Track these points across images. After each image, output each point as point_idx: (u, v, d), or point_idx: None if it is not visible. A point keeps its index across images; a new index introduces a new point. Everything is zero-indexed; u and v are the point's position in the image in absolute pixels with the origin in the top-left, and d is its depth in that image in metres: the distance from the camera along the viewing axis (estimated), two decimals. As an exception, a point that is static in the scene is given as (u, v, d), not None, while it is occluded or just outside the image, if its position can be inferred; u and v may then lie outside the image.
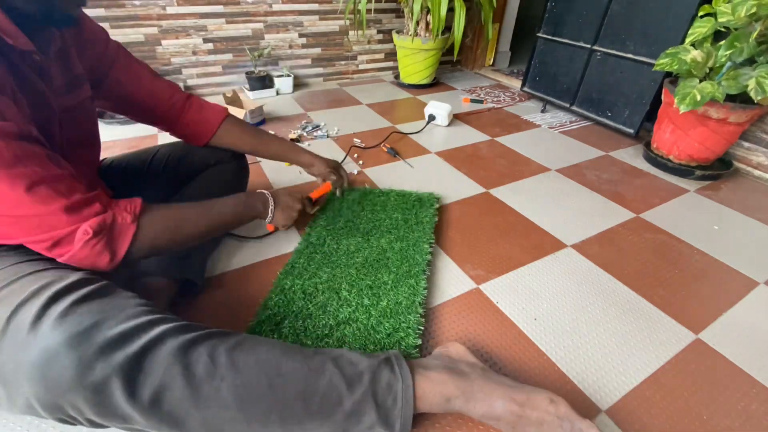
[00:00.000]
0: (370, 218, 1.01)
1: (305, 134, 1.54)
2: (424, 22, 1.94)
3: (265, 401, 0.46)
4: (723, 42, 1.11)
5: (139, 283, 0.71)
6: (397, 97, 2.01)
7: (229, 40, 1.87)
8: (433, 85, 2.19)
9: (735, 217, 1.14)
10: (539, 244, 0.99)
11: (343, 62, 2.20)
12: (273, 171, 1.27)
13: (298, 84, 2.11)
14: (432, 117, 1.64)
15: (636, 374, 0.68)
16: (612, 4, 1.52)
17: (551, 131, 1.66)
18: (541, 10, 1.80)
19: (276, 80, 1.95)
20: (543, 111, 1.87)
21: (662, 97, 1.36)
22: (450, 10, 1.77)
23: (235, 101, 1.65)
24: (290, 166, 1.28)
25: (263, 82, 1.88)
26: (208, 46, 1.84)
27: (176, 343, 0.44)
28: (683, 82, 1.15)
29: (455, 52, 1.85)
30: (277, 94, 1.96)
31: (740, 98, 1.16)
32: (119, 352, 0.41)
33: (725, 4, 1.10)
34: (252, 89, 1.88)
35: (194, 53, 1.83)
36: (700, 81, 1.14)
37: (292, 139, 1.47)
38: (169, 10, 1.70)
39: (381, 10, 2.15)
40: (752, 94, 1.05)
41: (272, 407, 0.46)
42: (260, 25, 1.89)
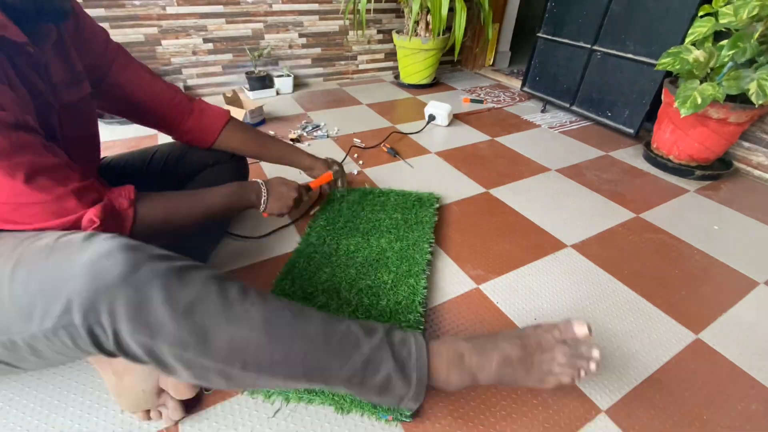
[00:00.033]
0: (369, 218, 1.01)
1: (305, 134, 1.53)
2: (423, 22, 1.94)
3: (290, 330, 0.48)
4: (725, 42, 1.10)
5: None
6: (397, 97, 2.01)
7: (229, 40, 1.87)
8: (433, 85, 2.19)
9: (735, 217, 1.13)
10: (539, 244, 0.99)
11: (343, 62, 2.21)
12: (273, 171, 1.27)
13: (298, 84, 2.11)
14: (432, 117, 1.64)
15: (636, 374, 0.68)
16: (612, 4, 1.52)
17: (551, 131, 1.66)
18: (541, 10, 1.80)
19: (276, 80, 1.95)
20: (543, 111, 1.87)
21: (662, 97, 1.35)
22: (450, 10, 1.77)
23: (235, 101, 1.65)
24: (290, 167, 1.27)
25: (263, 82, 1.88)
26: (208, 46, 1.84)
27: (212, 272, 0.47)
28: (684, 84, 1.15)
29: (456, 52, 1.85)
30: (277, 94, 1.96)
31: (740, 98, 1.16)
32: (165, 263, 0.44)
33: (726, 4, 1.10)
34: (252, 89, 1.88)
35: (194, 53, 1.83)
36: (701, 82, 1.14)
37: (291, 139, 1.47)
38: (169, 10, 1.70)
39: (381, 10, 2.15)
40: (753, 98, 1.05)
41: (295, 336, 0.48)
42: (260, 25, 1.89)
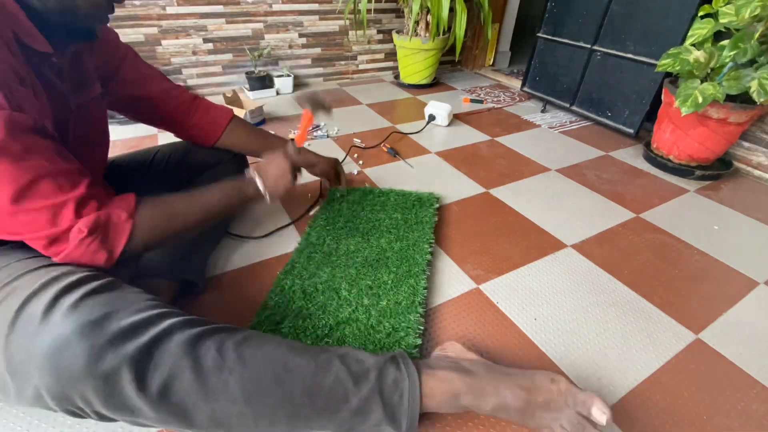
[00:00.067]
0: (369, 218, 1.01)
1: (305, 134, 1.53)
2: (423, 22, 1.94)
3: (272, 396, 0.45)
4: (725, 42, 1.10)
5: (139, 283, 0.71)
6: (397, 97, 2.01)
7: (229, 40, 1.87)
8: (433, 85, 2.19)
9: (735, 217, 1.13)
10: (539, 244, 0.99)
11: (343, 62, 2.20)
12: (273, 171, 1.27)
13: (298, 84, 2.11)
14: (432, 117, 1.64)
15: (636, 374, 0.68)
16: (612, 4, 1.52)
17: (551, 131, 1.66)
18: (541, 10, 1.80)
19: (276, 80, 1.95)
20: (543, 111, 1.87)
21: (662, 97, 1.35)
22: (450, 10, 1.77)
23: (235, 101, 1.65)
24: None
25: (263, 82, 1.88)
26: (208, 46, 1.84)
27: (185, 336, 0.44)
28: (684, 84, 1.15)
29: (457, 52, 1.85)
30: (277, 94, 1.96)
31: (740, 98, 1.16)
32: (130, 343, 0.41)
33: (726, 4, 1.10)
34: (252, 89, 1.88)
35: (194, 53, 1.83)
36: (701, 82, 1.14)
37: (292, 139, 1.46)
38: (169, 10, 1.70)
39: (381, 10, 2.15)
40: (755, 95, 1.05)
41: (279, 402, 0.46)
42: (260, 25, 1.89)
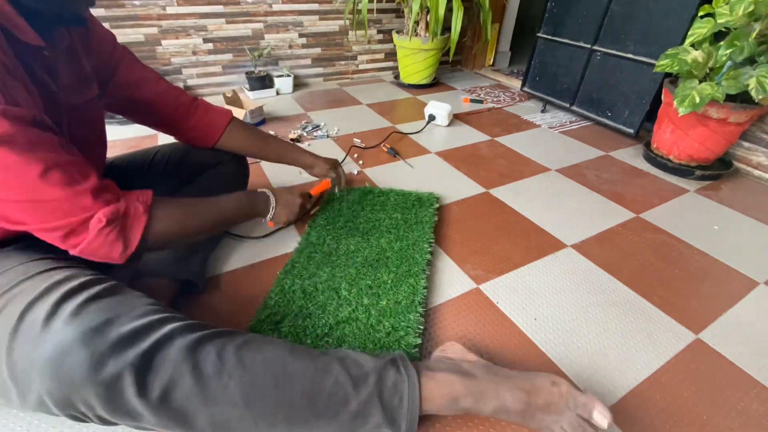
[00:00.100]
0: (369, 218, 1.01)
1: (305, 134, 1.53)
2: (423, 22, 1.94)
3: (272, 400, 0.46)
4: (723, 42, 1.11)
5: (139, 283, 0.71)
6: (397, 97, 2.01)
7: (229, 40, 1.87)
8: (433, 85, 2.19)
9: (735, 217, 1.13)
10: (539, 244, 0.99)
11: (343, 62, 2.21)
12: (273, 171, 1.27)
13: (298, 84, 2.11)
14: (432, 117, 1.64)
15: (636, 374, 0.68)
16: (612, 4, 1.52)
17: (551, 131, 1.66)
18: (541, 10, 1.80)
19: (276, 80, 1.95)
20: (543, 111, 1.87)
21: (662, 97, 1.36)
22: (449, 10, 1.77)
23: (235, 101, 1.65)
24: (290, 166, 1.27)
25: (263, 82, 1.88)
26: (208, 46, 1.84)
27: (185, 341, 0.44)
28: (683, 84, 1.15)
29: (451, 52, 1.84)
30: (277, 94, 1.96)
31: (740, 98, 1.16)
32: (131, 349, 0.41)
33: (724, 4, 1.10)
34: (252, 89, 1.88)
35: (194, 53, 1.83)
36: (700, 82, 1.14)
37: (292, 139, 1.47)
38: (169, 10, 1.70)
39: (381, 10, 2.15)
40: (753, 93, 1.05)
41: (279, 406, 0.46)
42: (260, 25, 1.89)
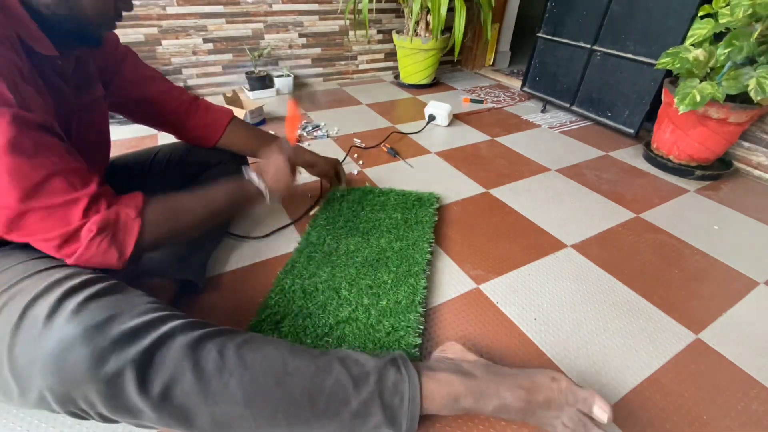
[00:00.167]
0: (369, 218, 1.01)
1: (305, 134, 1.53)
2: (423, 22, 1.94)
3: (273, 398, 0.46)
4: (722, 41, 1.10)
5: (139, 283, 0.71)
6: (397, 97, 2.01)
7: (229, 40, 1.87)
8: (433, 85, 2.19)
9: (735, 217, 1.13)
10: (539, 244, 0.99)
11: (343, 62, 2.20)
12: (273, 171, 1.27)
13: (298, 84, 2.11)
14: (432, 117, 1.64)
15: (636, 374, 0.68)
16: (612, 4, 1.52)
17: (551, 131, 1.66)
18: (541, 10, 1.80)
19: (276, 80, 1.95)
20: (543, 111, 1.87)
21: (662, 97, 1.36)
22: (450, 10, 1.77)
23: (235, 101, 1.65)
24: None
25: (263, 82, 1.88)
26: (208, 46, 1.84)
27: (186, 339, 0.44)
28: (683, 83, 1.15)
29: (456, 52, 1.85)
30: (277, 94, 1.96)
31: (740, 98, 1.16)
32: (132, 346, 0.41)
33: (726, 5, 1.10)
34: (252, 89, 1.88)
35: (194, 53, 1.83)
36: (701, 81, 1.14)
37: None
38: (169, 10, 1.70)
39: (381, 10, 2.15)
40: (752, 94, 1.05)
41: (279, 405, 0.46)
42: (260, 25, 1.89)
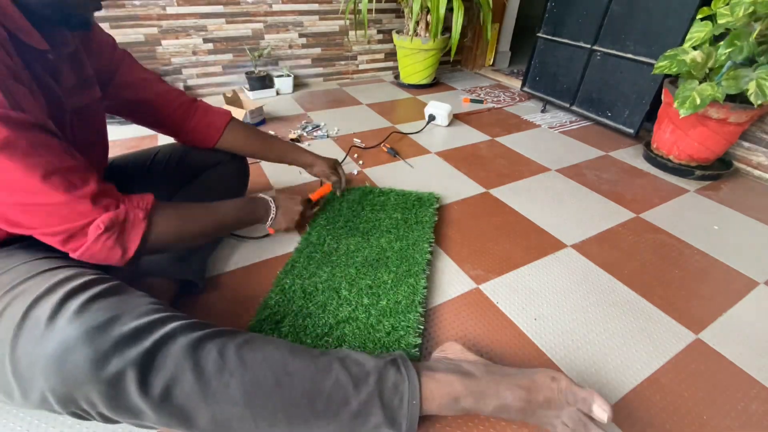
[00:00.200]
0: (369, 218, 1.01)
1: (305, 134, 1.54)
2: (423, 22, 1.94)
3: (272, 399, 0.46)
4: (723, 41, 1.10)
5: (139, 283, 0.71)
6: (397, 97, 2.01)
7: (229, 40, 1.87)
8: (433, 85, 2.19)
9: (735, 217, 1.13)
10: (539, 244, 0.99)
11: (343, 62, 2.21)
12: (273, 171, 1.27)
13: (298, 84, 2.11)
14: (432, 117, 1.64)
15: (636, 374, 0.68)
16: (612, 5, 1.52)
17: (551, 131, 1.66)
18: (541, 10, 1.80)
19: (276, 80, 1.95)
20: (543, 111, 1.87)
21: (662, 97, 1.36)
22: (449, 10, 1.77)
23: (235, 101, 1.65)
24: (290, 166, 1.27)
25: (263, 82, 1.88)
26: (208, 46, 1.84)
27: (187, 339, 0.45)
28: (683, 85, 1.15)
29: (452, 52, 1.84)
30: (277, 94, 1.96)
31: (740, 98, 1.16)
32: (133, 347, 0.41)
33: (725, 5, 1.10)
34: (252, 89, 1.88)
35: (194, 53, 1.83)
36: (700, 82, 1.14)
37: (292, 139, 1.47)
38: (169, 10, 1.70)
39: (381, 10, 2.15)
40: (752, 98, 1.05)
41: (279, 405, 0.46)
42: (260, 25, 1.89)
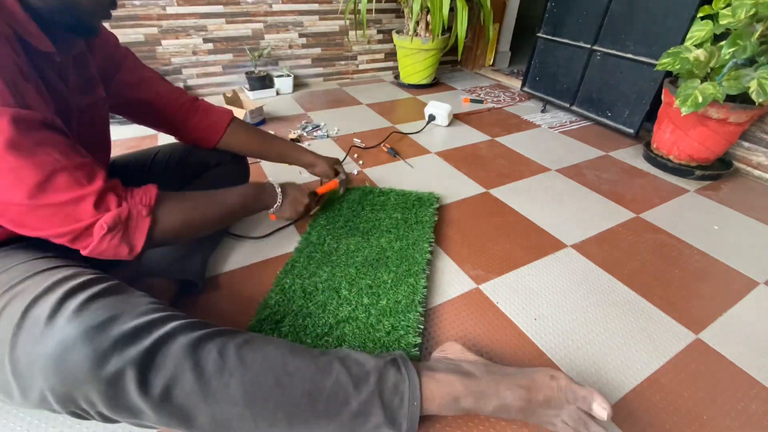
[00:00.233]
0: (370, 218, 1.01)
1: (305, 134, 1.54)
2: (423, 22, 1.94)
3: (273, 399, 0.46)
4: (726, 41, 1.10)
5: (139, 283, 0.71)
6: (397, 97, 2.01)
7: (229, 40, 1.87)
8: (433, 85, 2.19)
9: (735, 217, 1.13)
10: (539, 244, 0.99)
11: (343, 62, 2.21)
12: (273, 171, 1.27)
13: (298, 84, 2.11)
14: (432, 117, 1.64)
15: (636, 374, 0.68)
16: (612, 4, 1.52)
17: (551, 131, 1.66)
18: (541, 10, 1.80)
19: (276, 80, 1.95)
20: (543, 111, 1.87)
21: (662, 97, 1.36)
22: (450, 10, 1.77)
23: (235, 101, 1.65)
24: (290, 167, 1.27)
25: (263, 82, 1.88)
26: (208, 46, 1.84)
27: (187, 339, 0.44)
28: (684, 84, 1.15)
29: (459, 52, 1.84)
30: (277, 94, 1.96)
31: (740, 98, 1.16)
32: (133, 347, 0.41)
33: (726, 6, 1.10)
34: (252, 89, 1.88)
35: (194, 53, 1.83)
36: (701, 81, 1.14)
37: (292, 139, 1.47)
38: (169, 10, 1.70)
39: (381, 10, 2.15)
40: (754, 96, 1.05)
41: (279, 405, 0.46)
42: (260, 25, 1.89)
